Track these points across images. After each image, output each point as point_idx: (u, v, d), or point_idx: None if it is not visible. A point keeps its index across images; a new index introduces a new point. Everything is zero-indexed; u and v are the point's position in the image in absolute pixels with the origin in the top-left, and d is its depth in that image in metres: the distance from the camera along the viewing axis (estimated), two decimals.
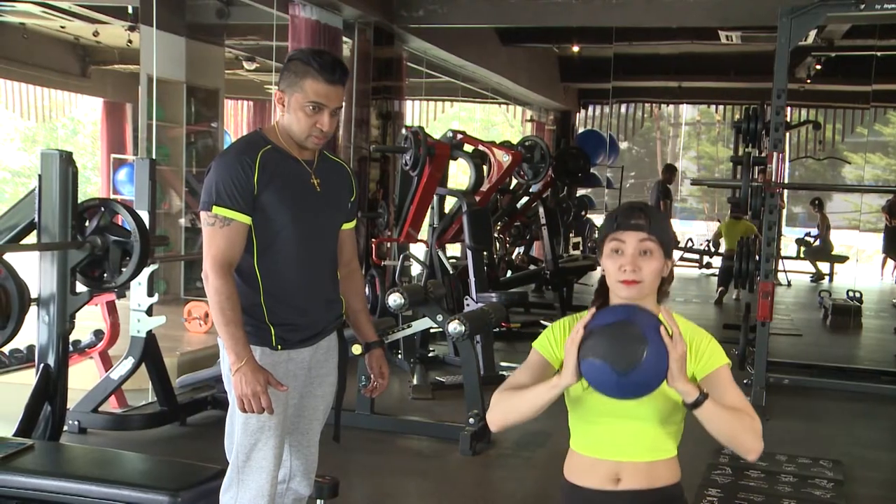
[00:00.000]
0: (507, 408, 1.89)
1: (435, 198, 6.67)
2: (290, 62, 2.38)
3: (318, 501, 2.83)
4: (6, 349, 5.50)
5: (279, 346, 2.40)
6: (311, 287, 2.45)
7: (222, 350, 2.40)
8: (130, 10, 7.97)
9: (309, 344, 2.46)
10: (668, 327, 1.75)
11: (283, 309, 2.39)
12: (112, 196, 9.31)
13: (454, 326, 4.67)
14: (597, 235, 2.01)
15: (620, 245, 1.88)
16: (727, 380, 1.87)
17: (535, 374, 1.93)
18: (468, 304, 6.38)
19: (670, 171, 12.53)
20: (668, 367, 1.73)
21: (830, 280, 12.66)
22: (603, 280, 1.97)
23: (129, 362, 4.47)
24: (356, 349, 4.69)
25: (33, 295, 3.58)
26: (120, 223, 3.85)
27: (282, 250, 2.38)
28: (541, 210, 9.09)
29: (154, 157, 6.00)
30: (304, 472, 2.57)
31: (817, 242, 12.58)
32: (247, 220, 2.33)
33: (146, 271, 4.26)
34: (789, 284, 12.16)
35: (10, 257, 3.50)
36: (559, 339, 1.96)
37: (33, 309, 3.62)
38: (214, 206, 2.30)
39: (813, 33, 7.55)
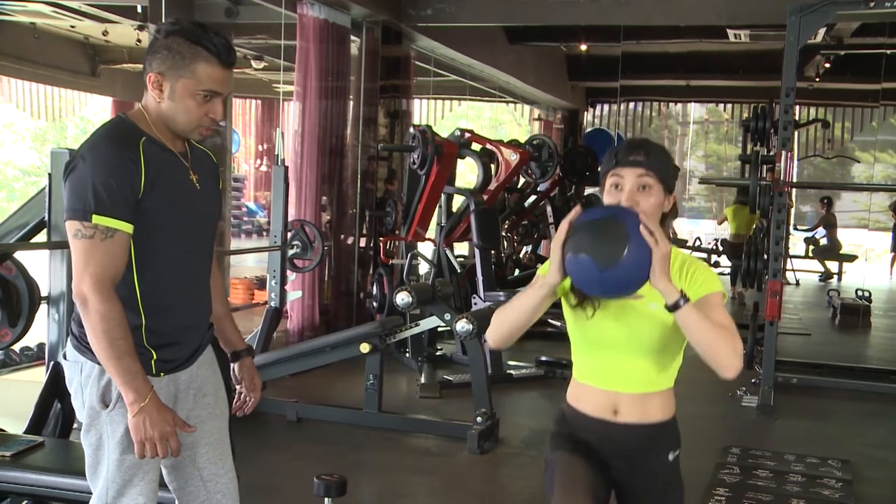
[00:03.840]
0: (503, 319, 2.00)
1: (443, 196, 6.68)
2: (168, 38, 1.97)
3: (327, 500, 2.84)
4: (17, 347, 5.53)
5: (161, 373, 2.04)
6: (193, 298, 2.13)
7: (77, 377, 2.04)
8: (139, 10, 7.99)
9: (189, 364, 2.12)
10: (648, 227, 1.79)
11: (165, 328, 2.05)
12: None
13: (462, 325, 4.67)
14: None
15: (619, 181, 1.95)
16: (718, 304, 1.94)
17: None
18: (476, 303, 6.39)
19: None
20: (650, 266, 1.77)
21: (839, 279, 12.62)
22: None
23: None
24: (364, 348, 4.72)
25: (43, 293, 3.60)
26: None
27: (166, 261, 2.03)
28: (548, 209, 9.11)
29: None
30: (231, 500, 2.22)
31: (823, 240, 12.53)
32: (130, 229, 1.93)
33: None
34: (798, 283, 12.12)
35: (20, 255, 3.52)
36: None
37: (43, 307, 3.64)
38: (94, 215, 1.88)
39: (822, 31, 7.54)
